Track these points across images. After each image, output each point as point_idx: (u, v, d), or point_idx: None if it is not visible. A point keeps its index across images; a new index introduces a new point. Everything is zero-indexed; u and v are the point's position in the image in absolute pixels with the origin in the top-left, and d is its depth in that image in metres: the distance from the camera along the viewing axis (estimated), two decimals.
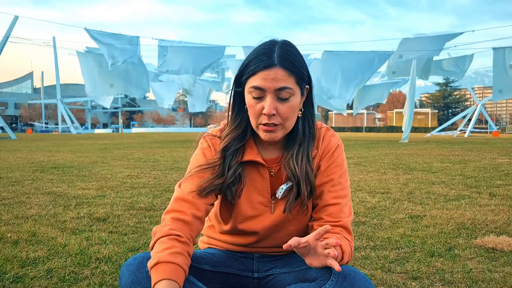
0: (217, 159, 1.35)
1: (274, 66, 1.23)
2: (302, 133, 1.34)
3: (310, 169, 1.33)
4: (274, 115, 1.25)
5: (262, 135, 1.29)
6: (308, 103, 1.35)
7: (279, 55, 1.24)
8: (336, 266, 1.07)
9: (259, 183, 1.37)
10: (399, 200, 4.21)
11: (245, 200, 1.37)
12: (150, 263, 1.15)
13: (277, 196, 1.36)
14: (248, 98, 1.28)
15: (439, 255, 2.42)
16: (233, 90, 1.34)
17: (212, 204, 1.36)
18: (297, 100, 1.28)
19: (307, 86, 1.33)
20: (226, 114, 1.41)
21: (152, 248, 1.20)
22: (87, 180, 5.63)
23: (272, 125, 1.26)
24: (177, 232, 1.21)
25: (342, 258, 1.23)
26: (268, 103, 1.24)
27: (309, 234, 1.47)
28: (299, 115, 1.33)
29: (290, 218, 1.37)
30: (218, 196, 1.40)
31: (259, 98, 1.25)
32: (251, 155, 1.35)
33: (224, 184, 1.33)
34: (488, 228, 3.04)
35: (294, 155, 1.33)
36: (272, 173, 1.37)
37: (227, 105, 1.40)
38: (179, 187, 1.34)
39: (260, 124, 1.28)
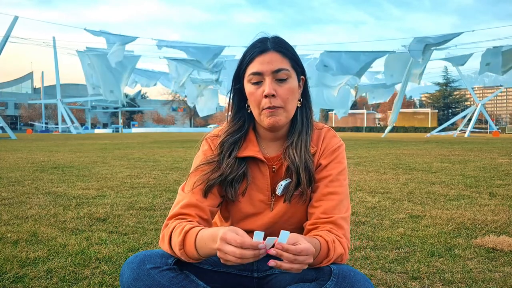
0: (215, 155, 1.37)
1: (269, 51, 1.29)
2: (301, 123, 1.37)
3: (309, 157, 1.34)
4: (274, 96, 1.27)
5: (266, 121, 1.30)
6: (305, 94, 1.38)
7: (272, 42, 1.31)
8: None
9: (259, 180, 1.37)
10: (399, 200, 4.21)
11: (246, 198, 1.37)
12: (178, 242, 1.18)
13: (277, 193, 1.36)
14: (248, 87, 1.31)
15: (439, 255, 2.42)
16: (232, 89, 1.38)
17: (218, 206, 1.37)
18: (294, 83, 1.31)
19: (303, 77, 1.36)
20: (226, 114, 1.43)
21: (169, 242, 1.23)
22: (87, 180, 5.63)
23: (274, 108, 1.28)
24: (187, 220, 1.26)
25: (328, 254, 1.21)
26: (267, 84, 1.27)
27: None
28: (298, 105, 1.35)
29: (288, 216, 1.37)
30: (223, 196, 1.39)
31: (259, 83, 1.29)
32: (252, 151, 1.36)
33: (225, 180, 1.33)
34: (488, 228, 3.04)
35: (293, 144, 1.35)
36: (274, 169, 1.38)
37: (226, 105, 1.42)
38: (183, 190, 1.35)
39: (263, 109, 1.29)
